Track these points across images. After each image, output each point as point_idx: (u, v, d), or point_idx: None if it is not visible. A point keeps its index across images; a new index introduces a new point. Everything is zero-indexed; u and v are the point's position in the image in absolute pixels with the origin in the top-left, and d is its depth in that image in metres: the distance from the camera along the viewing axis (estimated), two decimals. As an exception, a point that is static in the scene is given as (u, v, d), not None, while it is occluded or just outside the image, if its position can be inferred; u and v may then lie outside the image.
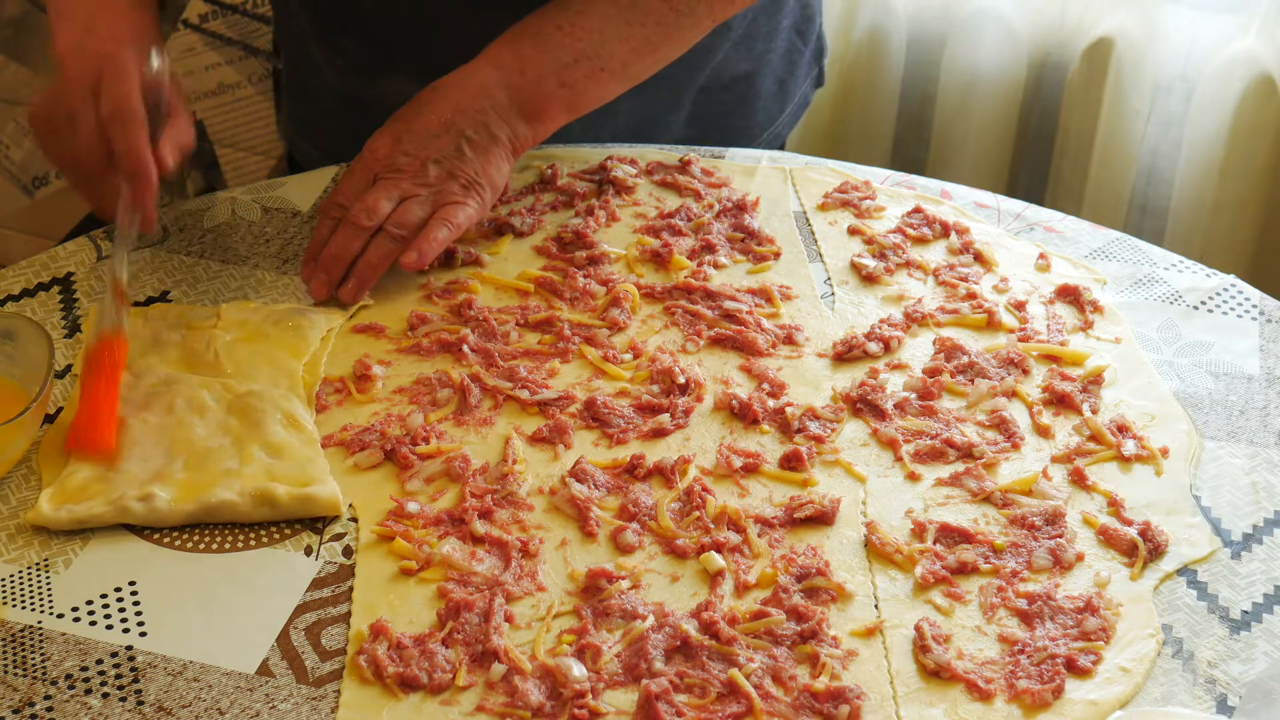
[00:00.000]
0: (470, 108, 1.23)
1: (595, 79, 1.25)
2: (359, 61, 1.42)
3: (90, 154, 1.15)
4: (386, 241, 1.20)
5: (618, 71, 1.26)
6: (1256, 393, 1.13)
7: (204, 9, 2.21)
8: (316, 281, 1.20)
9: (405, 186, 1.21)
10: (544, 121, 1.26)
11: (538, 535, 1.00)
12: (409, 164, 1.21)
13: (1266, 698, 0.90)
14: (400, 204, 1.20)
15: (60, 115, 1.16)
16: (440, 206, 1.21)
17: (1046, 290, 1.22)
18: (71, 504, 1.00)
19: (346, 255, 1.20)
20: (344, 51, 1.43)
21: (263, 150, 2.28)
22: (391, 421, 1.09)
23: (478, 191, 1.23)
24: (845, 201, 1.33)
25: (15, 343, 1.07)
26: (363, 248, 1.20)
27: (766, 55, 1.50)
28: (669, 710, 0.88)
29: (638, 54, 1.27)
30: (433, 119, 1.23)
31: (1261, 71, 1.93)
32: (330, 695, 0.90)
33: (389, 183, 1.21)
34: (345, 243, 1.20)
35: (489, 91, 1.23)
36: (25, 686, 0.90)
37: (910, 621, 0.95)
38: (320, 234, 1.22)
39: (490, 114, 1.23)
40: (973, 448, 1.07)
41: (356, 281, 1.20)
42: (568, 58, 1.24)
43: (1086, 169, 2.10)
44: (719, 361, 1.16)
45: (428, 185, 1.21)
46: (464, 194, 1.22)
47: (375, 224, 1.20)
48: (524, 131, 1.25)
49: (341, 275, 1.20)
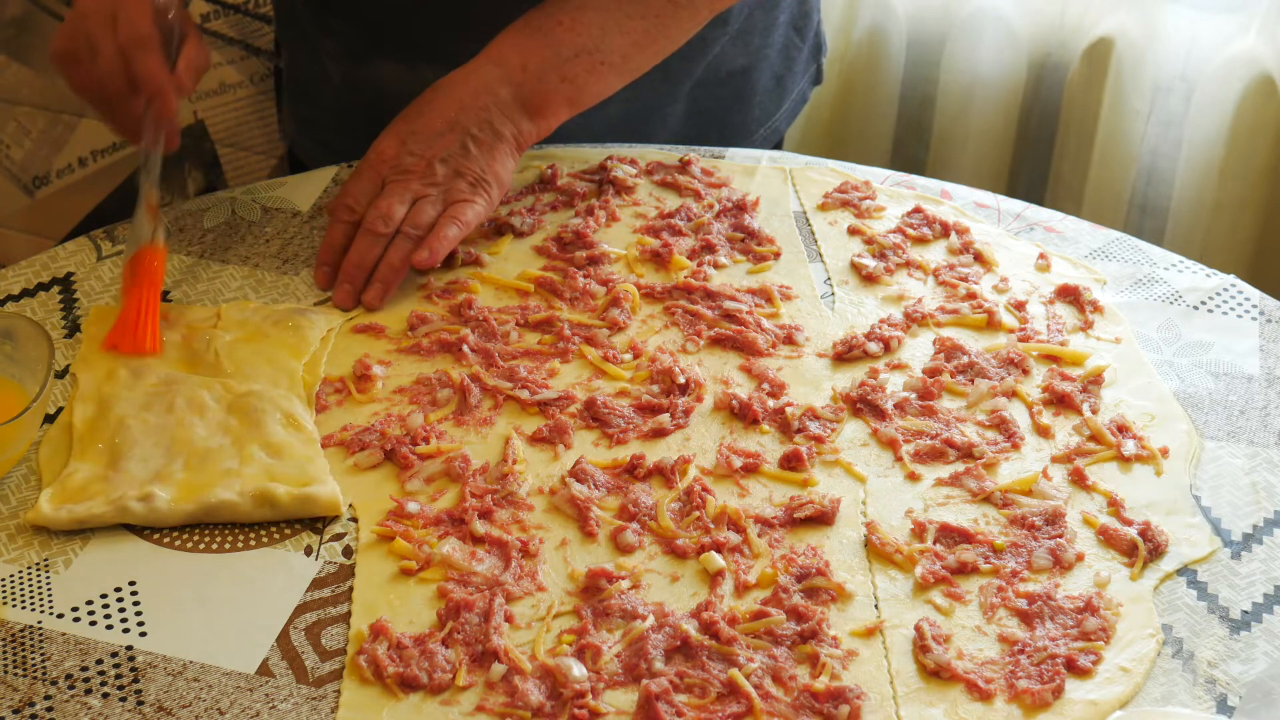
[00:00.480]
0: (474, 105, 1.23)
1: (596, 73, 1.26)
2: (349, 44, 1.43)
3: (112, 80, 1.19)
4: (405, 243, 1.20)
5: (618, 65, 1.27)
6: (1256, 393, 1.13)
7: (205, 9, 2.21)
8: (341, 291, 1.21)
9: (415, 187, 1.21)
10: (547, 117, 1.26)
11: (538, 535, 1.00)
12: (416, 164, 1.22)
13: (1266, 698, 0.90)
14: (413, 205, 1.21)
15: (81, 45, 1.19)
16: (449, 205, 1.21)
17: (1046, 290, 1.22)
18: (71, 504, 1.01)
19: (367, 263, 1.21)
20: (334, 33, 1.43)
21: (263, 150, 2.28)
22: (391, 421, 1.09)
23: (485, 189, 1.23)
24: (845, 201, 1.33)
25: (15, 343, 1.07)
26: (381, 252, 1.21)
27: (763, 50, 1.50)
28: (669, 710, 0.88)
29: (638, 46, 1.27)
30: (437, 118, 1.23)
31: (1261, 71, 1.93)
32: (330, 695, 0.90)
33: (399, 185, 1.21)
34: (365, 250, 1.21)
35: (492, 89, 1.24)
36: (25, 686, 0.90)
37: (910, 621, 0.95)
38: (333, 239, 1.23)
39: (494, 111, 1.24)
40: (973, 448, 1.07)
41: (381, 286, 1.20)
42: (569, 52, 1.25)
43: (1086, 169, 2.09)
44: (719, 361, 1.16)
45: (436, 184, 1.22)
46: (472, 191, 1.22)
47: (392, 230, 1.21)
48: (527, 127, 1.26)
49: (364, 282, 1.21)
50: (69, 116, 2.29)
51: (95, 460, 1.04)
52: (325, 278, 1.22)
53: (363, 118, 1.28)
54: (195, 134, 2.29)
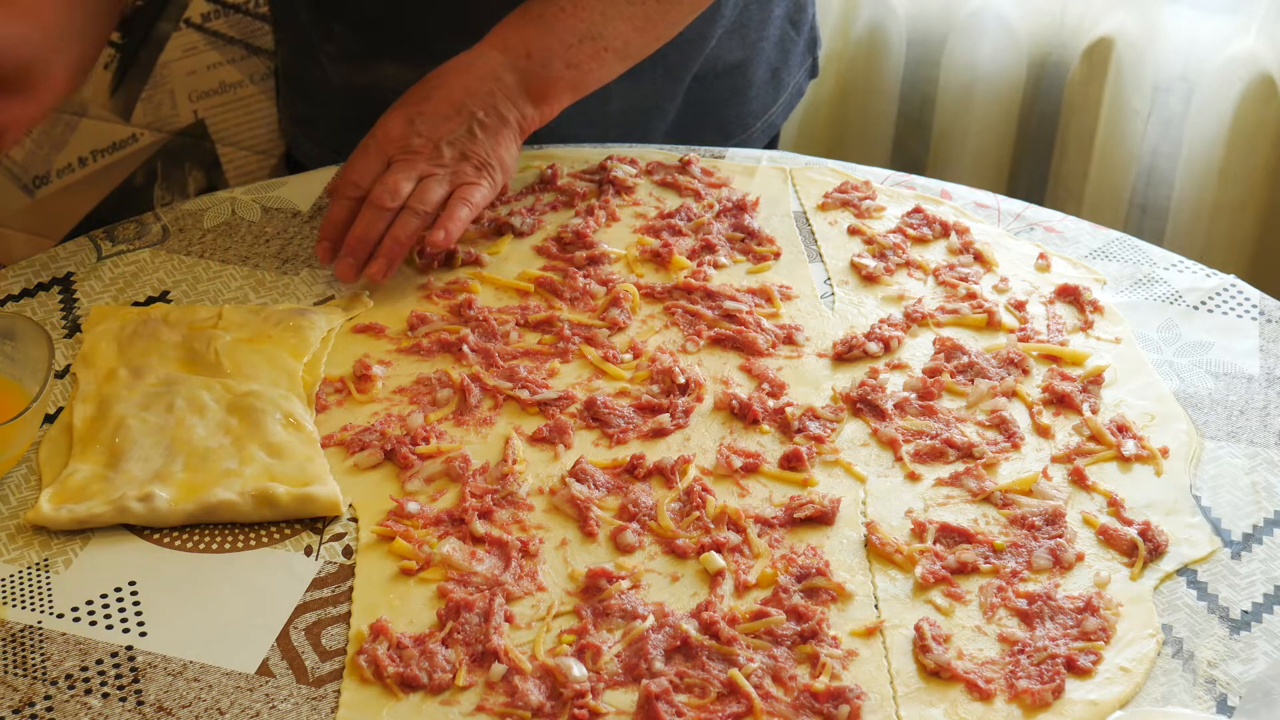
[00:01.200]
0: (479, 90, 1.24)
1: (599, 58, 1.27)
2: (351, 47, 1.43)
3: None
4: (411, 218, 1.20)
5: (620, 50, 1.28)
6: (1256, 393, 1.13)
7: (206, 8, 2.21)
8: (344, 264, 1.20)
9: (422, 166, 1.21)
10: (550, 103, 1.27)
11: (538, 535, 1.00)
12: (423, 145, 1.22)
13: (1266, 698, 0.90)
14: (419, 183, 1.21)
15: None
16: (457, 187, 1.22)
17: (1046, 290, 1.22)
18: (71, 504, 1.00)
19: (372, 236, 1.20)
20: (336, 37, 1.43)
21: (263, 150, 2.28)
22: (391, 421, 1.09)
23: (490, 172, 1.24)
24: (845, 201, 1.33)
25: (15, 343, 1.07)
26: (386, 228, 1.21)
27: (759, 44, 1.51)
28: (669, 710, 0.88)
29: (639, 31, 1.28)
30: (443, 102, 1.23)
31: (1261, 71, 1.93)
32: (330, 695, 0.90)
33: (405, 163, 1.21)
34: (370, 224, 1.20)
35: (497, 74, 1.24)
36: (25, 686, 0.90)
37: (910, 621, 0.95)
38: (335, 215, 1.22)
39: (499, 96, 1.24)
40: (973, 448, 1.07)
41: (386, 259, 1.20)
42: (572, 38, 1.25)
43: (1086, 169, 2.09)
44: (719, 361, 1.16)
45: (443, 165, 1.22)
46: (477, 175, 1.23)
47: (398, 204, 1.20)
48: (531, 113, 1.26)
49: (367, 256, 1.20)
50: (69, 116, 2.29)
51: (95, 460, 1.04)
52: (327, 253, 1.22)
53: (361, 118, 1.28)
54: (195, 133, 2.29)
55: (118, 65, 2.26)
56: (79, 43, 1.22)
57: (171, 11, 2.23)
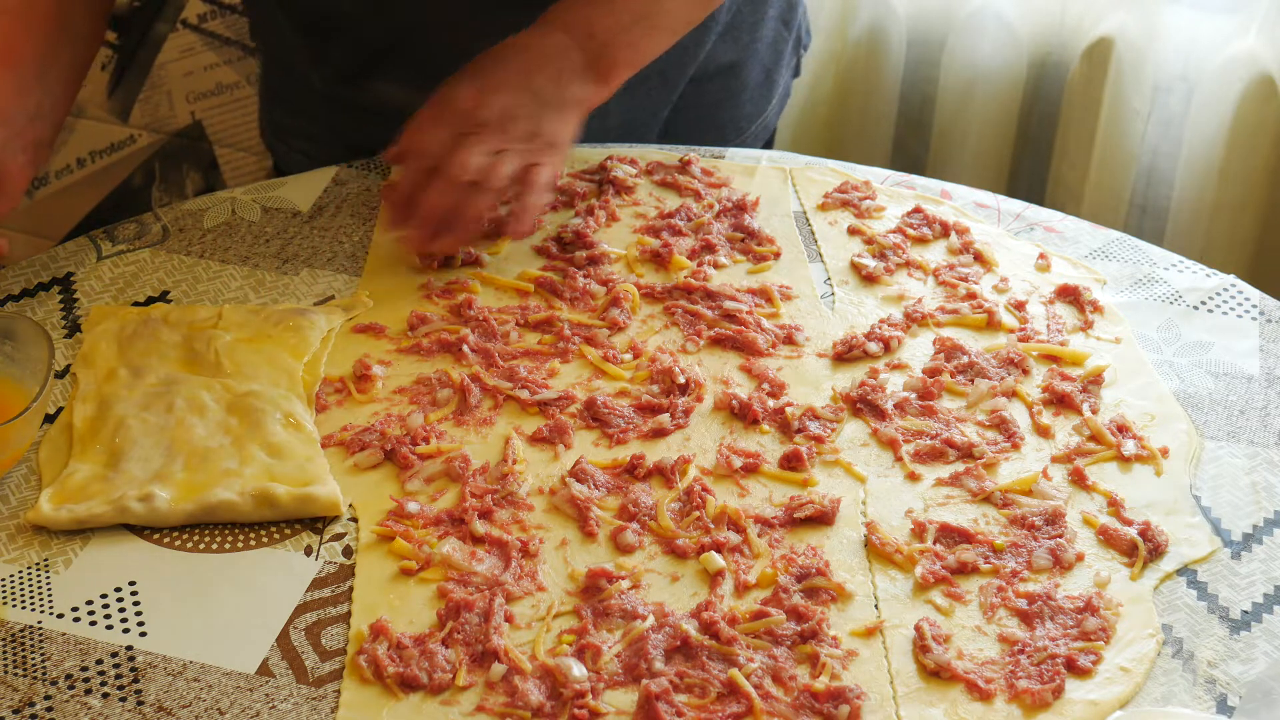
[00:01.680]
0: (549, 68, 1.24)
1: (651, 36, 1.28)
2: (344, 69, 1.41)
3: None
4: (485, 195, 1.20)
5: (671, 26, 1.29)
6: (1256, 393, 1.13)
7: (202, 9, 2.21)
8: (416, 236, 1.20)
9: (493, 141, 1.20)
10: (610, 82, 1.27)
11: (538, 535, 1.00)
12: (493, 119, 1.21)
13: (1266, 698, 0.90)
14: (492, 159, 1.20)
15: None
16: (526, 168, 1.21)
17: (1046, 290, 1.22)
18: (71, 504, 1.00)
19: (443, 209, 1.20)
20: (328, 59, 1.42)
21: (261, 150, 2.28)
22: (391, 421, 1.09)
23: (555, 151, 1.23)
24: (845, 201, 1.33)
25: (15, 343, 1.07)
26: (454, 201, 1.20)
27: (753, 45, 1.51)
28: (669, 710, 0.88)
29: (688, 6, 1.30)
30: (514, 76, 1.23)
31: (1261, 71, 1.93)
32: (330, 695, 0.90)
33: (477, 138, 1.20)
34: (443, 197, 1.19)
35: (566, 52, 1.24)
36: (25, 686, 0.90)
37: (910, 621, 0.95)
38: (405, 184, 1.21)
39: (566, 74, 1.24)
40: (973, 448, 1.07)
41: (459, 235, 1.20)
42: (629, 19, 1.26)
43: (1086, 169, 2.09)
44: (719, 361, 1.16)
45: (513, 141, 1.21)
46: (545, 153, 1.22)
47: (471, 179, 1.19)
48: (592, 91, 1.26)
49: (435, 228, 1.20)
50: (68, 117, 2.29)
51: (95, 460, 1.04)
52: (399, 218, 1.21)
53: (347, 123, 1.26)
54: (193, 135, 2.29)
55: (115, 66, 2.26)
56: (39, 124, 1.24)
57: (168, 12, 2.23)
